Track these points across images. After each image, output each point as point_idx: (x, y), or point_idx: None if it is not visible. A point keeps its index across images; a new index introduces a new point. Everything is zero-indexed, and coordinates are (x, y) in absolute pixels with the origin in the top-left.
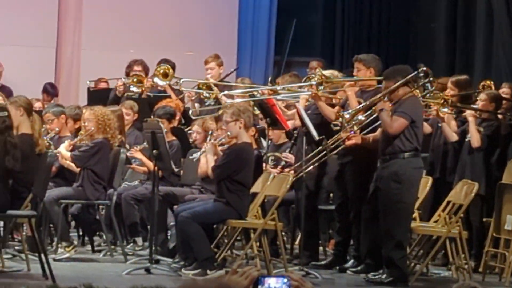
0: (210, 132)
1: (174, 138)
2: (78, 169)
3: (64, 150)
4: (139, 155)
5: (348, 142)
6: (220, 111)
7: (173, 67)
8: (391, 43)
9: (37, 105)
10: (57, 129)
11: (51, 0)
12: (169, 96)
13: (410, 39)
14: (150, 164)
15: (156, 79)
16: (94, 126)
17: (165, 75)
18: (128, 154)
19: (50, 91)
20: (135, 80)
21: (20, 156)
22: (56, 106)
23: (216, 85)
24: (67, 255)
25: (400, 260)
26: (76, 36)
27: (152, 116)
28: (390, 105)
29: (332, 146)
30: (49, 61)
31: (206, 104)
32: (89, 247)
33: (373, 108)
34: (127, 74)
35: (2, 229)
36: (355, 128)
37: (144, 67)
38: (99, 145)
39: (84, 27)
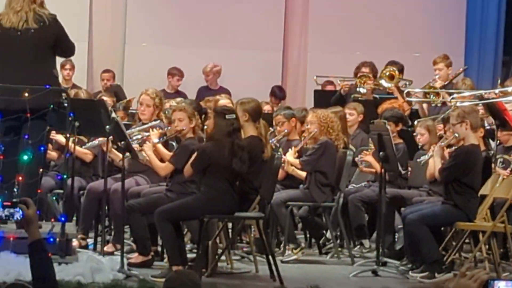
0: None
1: (400, 140)
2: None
3: (291, 158)
4: (369, 158)
5: None
6: (446, 113)
7: (401, 69)
8: None
9: (266, 108)
10: (286, 130)
11: (278, 3)
12: (395, 98)
13: None
14: (378, 167)
15: (381, 81)
16: (317, 128)
17: (391, 77)
18: (356, 159)
19: (278, 94)
20: (362, 81)
21: (247, 158)
22: (287, 108)
23: (442, 86)
24: (295, 257)
25: None
26: (303, 39)
27: (378, 118)
28: None
29: None
30: (276, 64)
31: (433, 105)
32: (316, 249)
33: None
34: (355, 75)
35: (230, 230)
36: None
37: (372, 68)
38: (324, 146)
39: (311, 29)
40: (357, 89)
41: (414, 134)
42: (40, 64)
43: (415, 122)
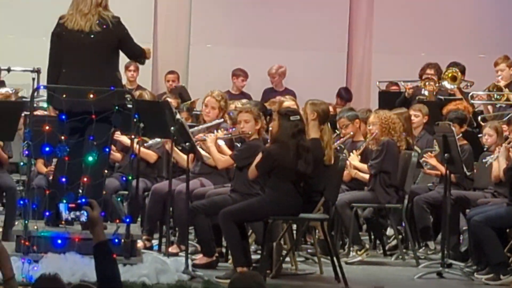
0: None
1: (465, 142)
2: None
3: (356, 161)
4: (433, 161)
5: None
6: (511, 114)
7: (463, 70)
8: None
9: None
10: (351, 133)
11: (343, 4)
12: (460, 99)
13: None
14: (442, 169)
15: (444, 83)
16: (378, 129)
17: (453, 79)
18: (421, 161)
19: (344, 96)
20: (426, 83)
21: (312, 160)
22: (350, 110)
23: (506, 86)
24: (359, 258)
25: None
26: (367, 40)
27: (443, 119)
28: None
29: None
30: (341, 65)
31: (497, 106)
32: (380, 250)
33: None
34: (420, 77)
35: (295, 232)
36: None
37: (437, 70)
38: (386, 145)
39: (375, 31)
40: (422, 91)
41: (480, 135)
42: (103, 67)
43: (482, 123)
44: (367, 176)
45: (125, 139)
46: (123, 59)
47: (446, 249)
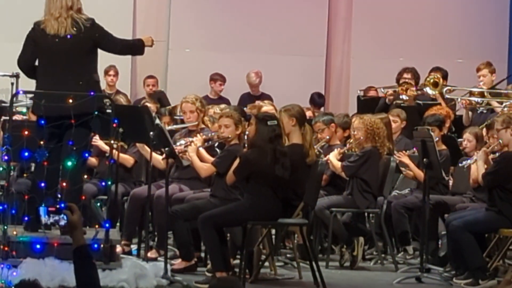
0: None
1: (444, 147)
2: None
3: (334, 159)
4: (406, 160)
5: None
6: (491, 119)
7: (445, 76)
8: None
9: (308, 114)
10: (327, 137)
11: (321, 9)
12: (439, 104)
13: None
14: (418, 171)
15: (426, 89)
16: (363, 135)
17: (435, 85)
18: (395, 156)
19: (317, 101)
20: (404, 88)
21: (289, 165)
22: (326, 114)
23: (488, 92)
24: (337, 263)
25: None
26: (346, 45)
27: (422, 124)
28: None
29: None
30: (319, 70)
31: (478, 112)
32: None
33: None
34: (397, 81)
35: (274, 236)
36: None
37: (414, 75)
38: (368, 154)
39: (354, 36)
40: (400, 96)
41: (460, 140)
42: (80, 71)
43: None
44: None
45: (102, 144)
46: (104, 63)
47: (425, 254)
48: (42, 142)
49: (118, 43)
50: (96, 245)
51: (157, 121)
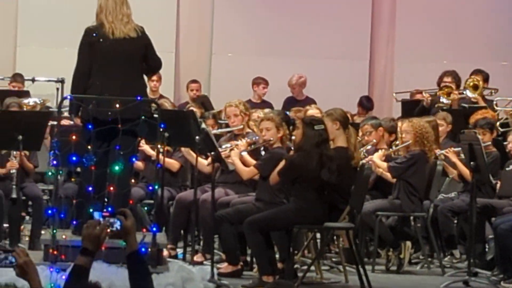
0: None
1: (493, 149)
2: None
3: (378, 159)
4: (453, 157)
5: None
6: None
7: (486, 78)
8: None
9: (354, 118)
10: (374, 140)
11: (365, 13)
12: (485, 107)
13: None
14: (464, 169)
15: (466, 92)
16: (412, 138)
17: (475, 87)
18: (437, 153)
19: (366, 104)
20: (444, 91)
21: (336, 168)
22: (374, 118)
23: None
24: (383, 267)
25: None
26: (389, 48)
27: (467, 127)
28: None
29: None
30: (363, 74)
31: None
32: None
33: None
34: (438, 85)
35: (319, 240)
36: None
37: (454, 78)
38: (417, 157)
39: (397, 39)
40: (440, 99)
41: (505, 142)
42: (136, 74)
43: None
44: (388, 175)
45: (147, 148)
46: None
47: (472, 258)
48: (89, 147)
49: (158, 58)
50: (143, 249)
51: (203, 125)
